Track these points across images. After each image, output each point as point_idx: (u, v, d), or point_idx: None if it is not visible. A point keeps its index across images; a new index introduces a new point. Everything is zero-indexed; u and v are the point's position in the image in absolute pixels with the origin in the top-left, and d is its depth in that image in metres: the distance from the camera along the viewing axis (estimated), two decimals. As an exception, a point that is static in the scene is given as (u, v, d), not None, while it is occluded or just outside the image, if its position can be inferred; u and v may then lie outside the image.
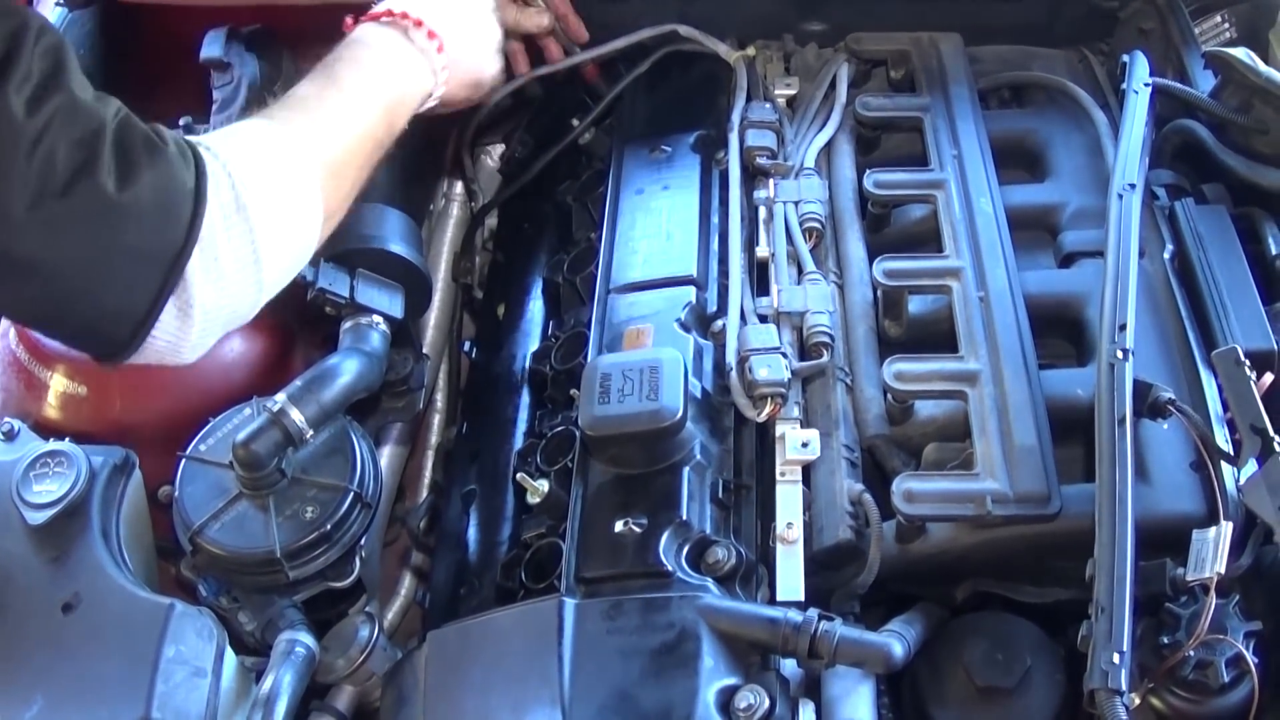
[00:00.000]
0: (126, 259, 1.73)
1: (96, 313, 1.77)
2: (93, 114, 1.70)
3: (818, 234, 2.47)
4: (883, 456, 2.20)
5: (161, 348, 1.82)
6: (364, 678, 2.15)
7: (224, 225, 1.80)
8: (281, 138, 1.96)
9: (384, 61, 2.23)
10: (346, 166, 2.06)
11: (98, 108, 1.72)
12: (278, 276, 1.94)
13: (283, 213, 1.91)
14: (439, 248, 2.96)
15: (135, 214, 1.71)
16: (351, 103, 2.10)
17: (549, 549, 2.13)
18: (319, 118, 2.04)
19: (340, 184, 2.04)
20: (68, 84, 1.68)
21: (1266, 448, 1.87)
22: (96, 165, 1.68)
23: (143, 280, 1.74)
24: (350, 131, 2.07)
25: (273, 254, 1.88)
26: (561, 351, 2.45)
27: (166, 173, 1.74)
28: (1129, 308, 2.10)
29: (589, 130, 2.95)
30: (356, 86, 2.12)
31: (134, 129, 1.74)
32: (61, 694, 1.90)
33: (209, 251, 1.78)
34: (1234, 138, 2.54)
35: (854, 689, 1.89)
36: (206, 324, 1.84)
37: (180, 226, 1.75)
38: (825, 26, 2.94)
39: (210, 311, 1.82)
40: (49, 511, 2.07)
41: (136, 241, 1.73)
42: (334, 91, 2.09)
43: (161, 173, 1.74)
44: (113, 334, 1.79)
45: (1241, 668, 1.79)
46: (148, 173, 1.72)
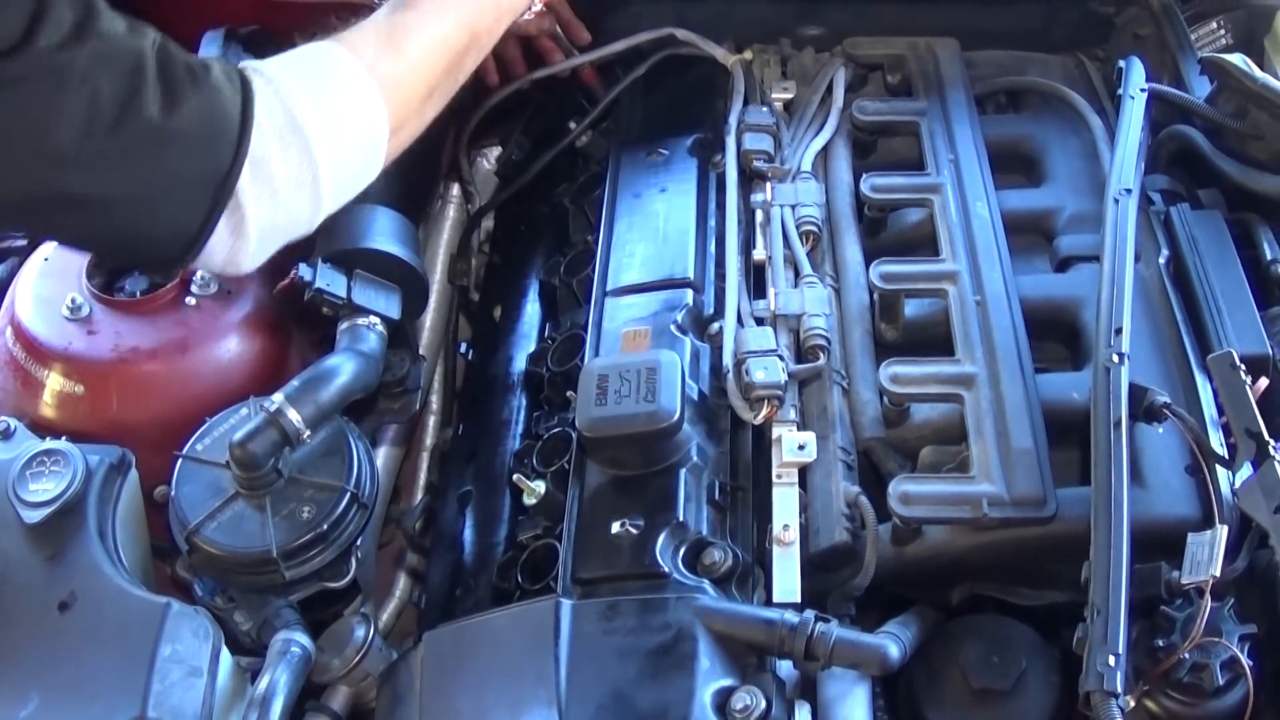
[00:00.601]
0: (176, 184, 1.76)
1: (150, 236, 1.80)
2: (131, 47, 1.72)
3: (814, 237, 2.48)
4: (879, 459, 2.21)
5: (219, 261, 1.85)
6: (359, 678, 2.14)
7: (279, 145, 1.81)
8: (339, 55, 1.96)
9: None
10: (419, 78, 2.05)
11: (135, 40, 1.73)
12: (338, 192, 1.95)
13: (341, 129, 1.91)
14: (436, 249, 2.96)
15: (182, 139, 1.73)
16: (425, 15, 2.09)
17: (545, 550, 2.13)
18: (386, 32, 2.03)
19: (410, 97, 2.03)
20: (99, 24, 1.69)
21: (1261, 452, 1.87)
22: (141, 96, 1.70)
23: (192, 203, 1.76)
24: (422, 44, 2.06)
25: (332, 171, 1.89)
26: (558, 353, 2.45)
27: (211, 96, 1.76)
28: (1125, 312, 2.10)
29: (586, 133, 2.96)
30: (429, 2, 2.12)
31: (174, 56, 1.76)
32: (57, 692, 1.90)
33: (263, 171, 1.80)
34: (1229, 143, 2.55)
35: (850, 691, 1.90)
36: (263, 239, 1.86)
37: (228, 148, 1.76)
38: (822, 31, 2.95)
39: (266, 227, 1.84)
40: (45, 510, 2.06)
41: (185, 166, 1.75)
42: (405, 7, 2.08)
43: (206, 97, 1.76)
44: (167, 253, 1.82)
45: (1236, 670, 1.79)
46: (192, 98, 1.74)
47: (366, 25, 2.05)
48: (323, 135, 1.86)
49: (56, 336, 2.32)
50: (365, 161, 1.99)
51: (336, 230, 2.40)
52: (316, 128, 1.86)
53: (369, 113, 1.97)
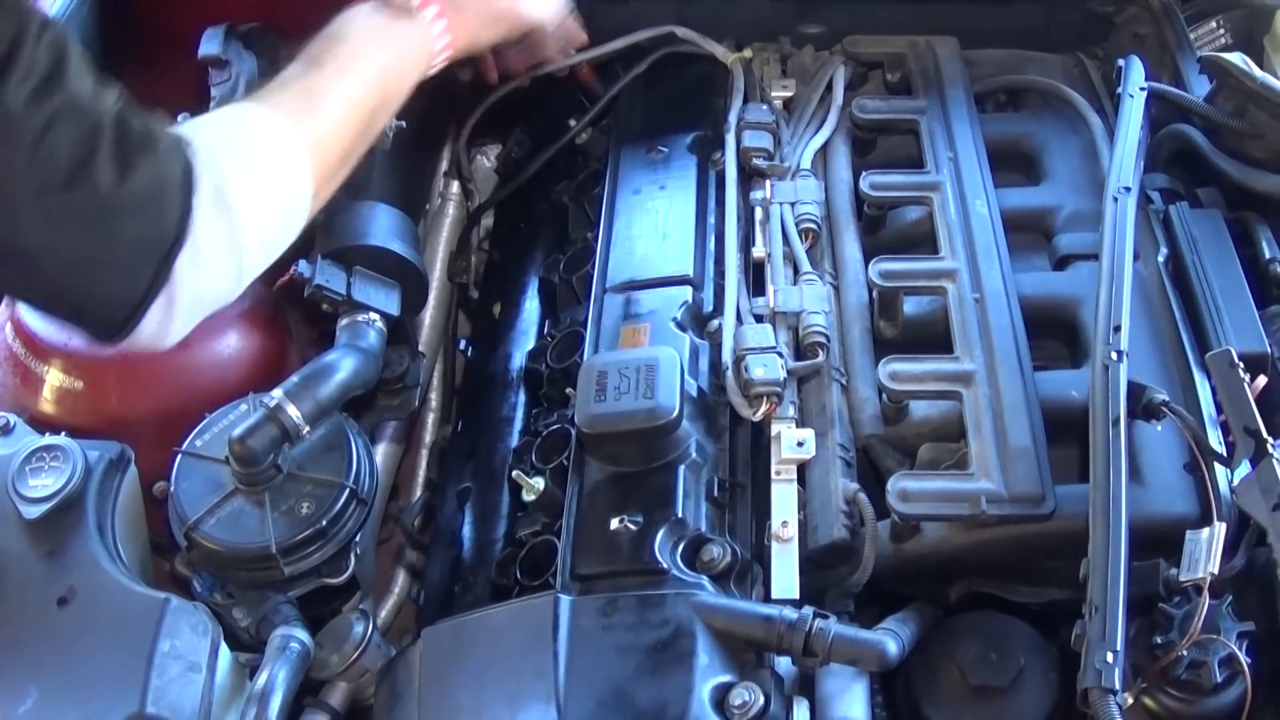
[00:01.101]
0: (123, 250, 1.74)
1: (92, 300, 1.78)
2: (93, 109, 1.70)
3: (814, 235, 2.48)
4: (878, 456, 2.21)
5: (148, 335, 1.82)
6: (358, 674, 2.14)
7: (208, 216, 1.80)
8: (264, 118, 1.95)
9: (368, 32, 2.17)
10: (336, 139, 2.03)
11: (97, 103, 1.72)
12: (260, 260, 1.93)
13: (266, 198, 1.90)
14: (435, 247, 2.96)
15: (132, 207, 1.72)
16: (337, 76, 2.07)
17: (544, 546, 2.13)
18: (302, 94, 2.02)
19: (329, 158, 2.02)
20: (69, 80, 1.68)
21: (1260, 450, 1.88)
22: (96, 160, 1.68)
23: (136, 272, 1.75)
24: (338, 105, 2.04)
25: (255, 240, 1.87)
26: (557, 350, 2.45)
27: (160, 166, 1.75)
28: (1124, 310, 2.10)
29: (586, 130, 2.96)
30: (341, 60, 2.08)
31: (131, 123, 1.74)
32: (56, 688, 1.90)
33: (194, 243, 1.78)
34: (1228, 142, 2.55)
35: (848, 687, 1.89)
36: (190, 311, 1.84)
37: (173, 218, 1.75)
38: (822, 29, 2.95)
39: (194, 299, 1.83)
40: (44, 506, 2.06)
41: (133, 233, 1.73)
42: (317, 69, 2.06)
43: (155, 166, 1.74)
44: (107, 320, 1.79)
45: (1234, 668, 1.80)
46: (143, 167, 1.72)
47: (282, 87, 2.04)
48: (248, 207, 1.84)
49: (56, 332, 2.32)
50: (288, 228, 1.98)
51: (336, 227, 2.40)
52: (243, 200, 1.84)
53: (295, 180, 1.95)
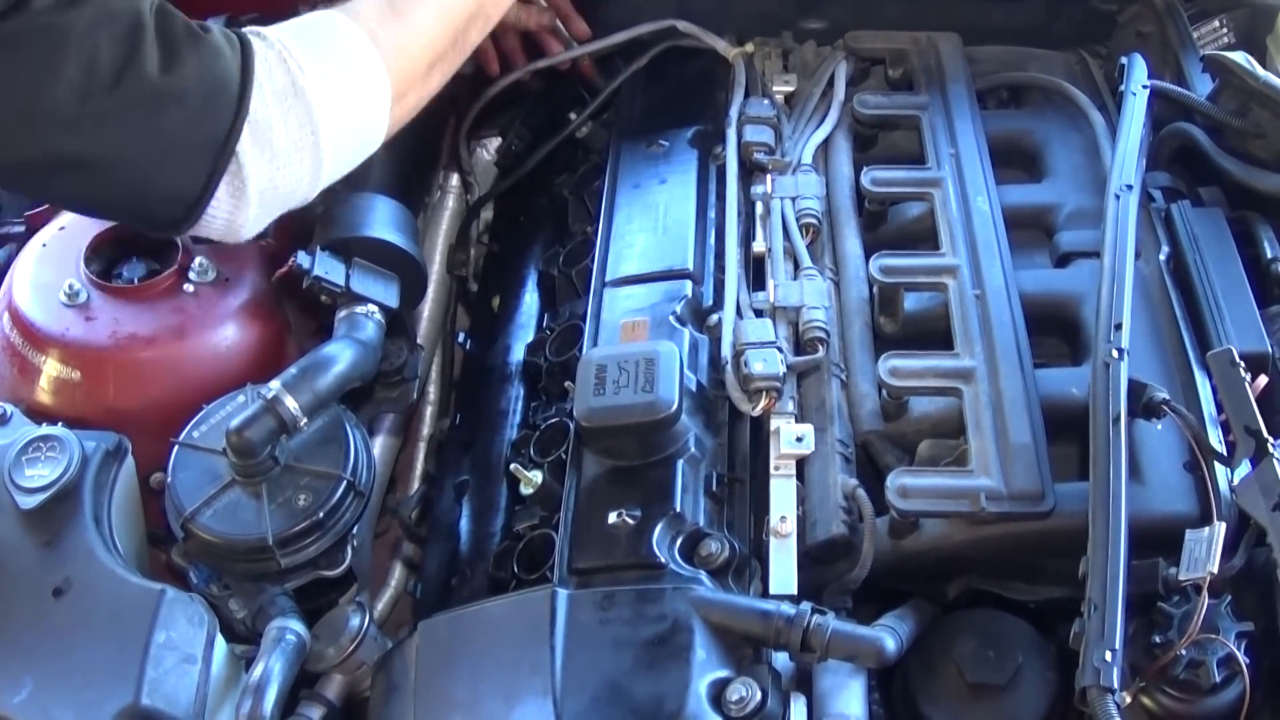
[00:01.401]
0: (176, 144, 1.75)
1: (151, 197, 1.80)
2: (130, 8, 1.72)
3: (814, 230, 2.47)
4: (877, 452, 2.20)
5: (219, 226, 1.84)
6: (354, 667, 2.14)
7: (280, 108, 1.80)
8: (341, 22, 1.95)
9: None
10: (421, 48, 2.03)
11: (134, 1, 1.72)
12: (340, 159, 1.94)
13: (344, 95, 1.91)
14: (434, 239, 2.96)
15: (181, 98, 1.73)
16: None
17: (542, 540, 2.12)
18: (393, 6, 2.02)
19: (414, 66, 2.02)
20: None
21: (1260, 449, 1.87)
22: (140, 55, 1.70)
23: (193, 163, 1.76)
24: (426, 13, 2.05)
25: (333, 137, 1.88)
26: (556, 344, 2.45)
27: (210, 56, 1.76)
28: (1125, 308, 2.10)
29: (586, 124, 2.95)
30: None
31: (173, 16, 1.76)
32: (51, 678, 1.90)
33: (263, 134, 1.79)
34: (1231, 141, 2.54)
35: (845, 683, 1.89)
36: (263, 203, 1.85)
37: (228, 108, 1.76)
38: (824, 24, 2.95)
39: (266, 191, 1.83)
40: (41, 496, 2.06)
41: (185, 126, 1.74)
42: None
43: (205, 56, 1.75)
44: (168, 215, 1.81)
45: (1233, 668, 1.79)
46: (191, 57, 1.73)
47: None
48: (324, 100, 1.86)
49: (54, 322, 2.32)
50: (367, 129, 1.98)
51: (335, 218, 2.40)
52: (318, 92, 1.85)
53: (371, 80, 1.95)
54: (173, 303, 2.37)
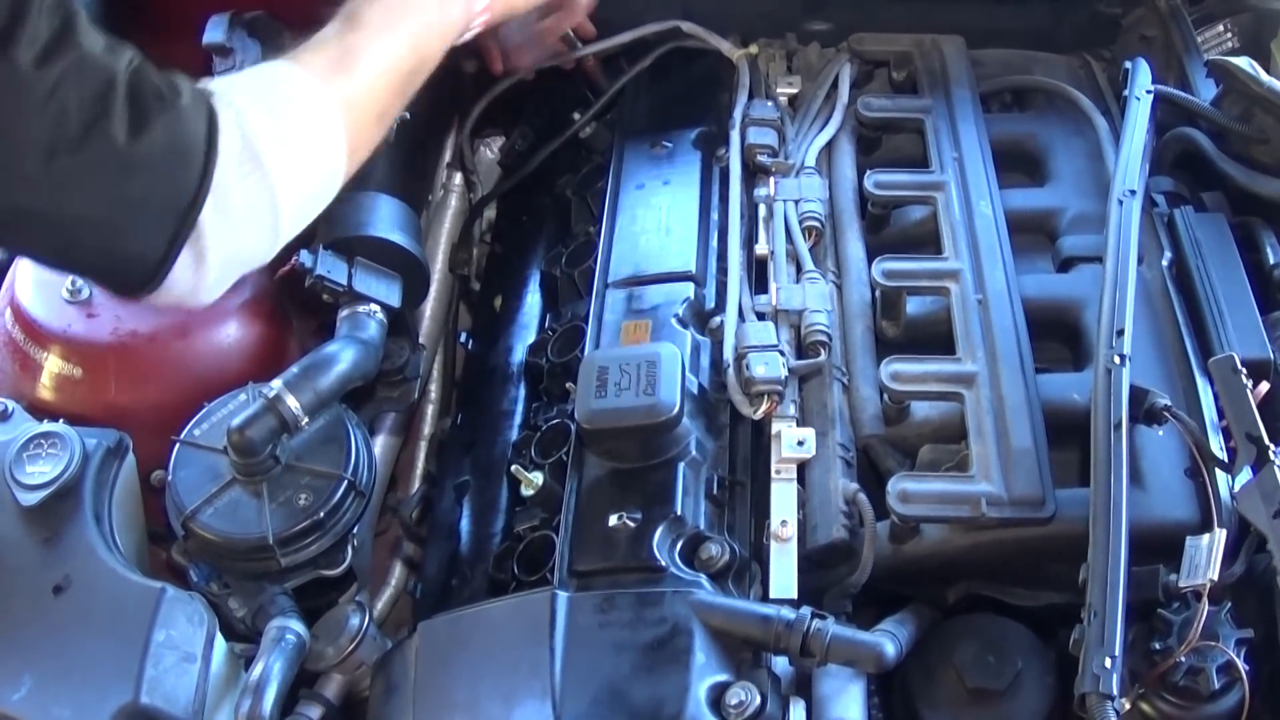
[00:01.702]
0: (140, 209, 1.73)
1: (112, 260, 1.77)
2: (104, 67, 1.69)
3: (817, 233, 2.47)
4: (878, 456, 2.20)
5: (179, 293, 1.82)
6: (353, 666, 2.14)
7: (237, 174, 1.79)
8: (297, 77, 1.93)
9: None
10: (372, 99, 2.01)
11: (109, 60, 1.71)
12: (296, 219, 1.92)
13: (299, 156, 1.89)
14: (437, 238, 2.96)
15: (148, 164, 1.71)
16: (373, 36, 2.05)
17: (542, 541, 2.12)
18: (338, 54, 2.00)
19: (365, 117, 2.00)
20: (77, 39, 1.67)
21: (1261, 456, 1.87)
22: (109, 118, 1.67)
23: (157, 230, 1.74)
24: (374, 65, 2.03)
25: (290, 199, 1.86)
26: (558, 345, 2.45)
27: (178, 122, 1.74)
28: (1127, 313, 2.10)
29: (590, 124, 2.95)
30: (378, 20, 2.06)
31: (146, 79, 1.73)
32: (50, 675, 1.90)
33: (221, 200, 1.77)
34: (1234, 146, 2.54)
35: (845, 688, 1.89)
36: (222, 269, 1.83)
37: (193, 175, 1.74)
38: (828, 26, 2.95)
39: (225, 257, 1.82)
40: (41, 493, 2.06)
41: (150, 191, 1.73)
42: (353, 29, 2.04)
43: (173, 122, 1.73)
44: (128, 279, 1.79)
45: (1232, 675, 1.79)
46: (159, 123, 1.71)
47: (318, 46, 2.01)
48: (281, 164, 1.83)
49: (56, 319, 2.32)
50: (322, 188, 1.97)
51: (338, 217, 2.40)
52: (274, 157, 1.83)
53: (328, 139, 1.93)
54: (175, 300, 2.37)
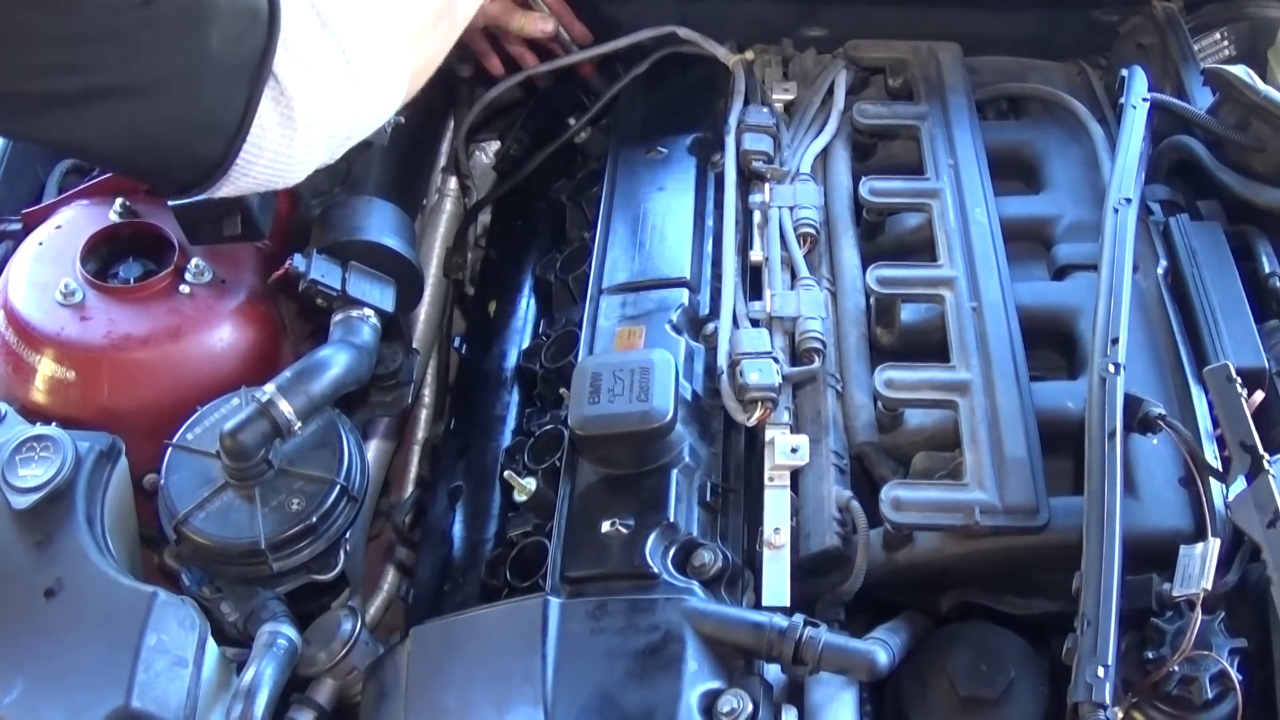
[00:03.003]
0: (212, 62, 1.72)
1: (191, 124, 1.77)
2: None
3: (812, 239, 2.47)
4: (872, 464, 2.20)
5: (266, 163, 1.83)
6: (345, 672, 2.14)
7: (311, 34, 1.81)
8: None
9: None
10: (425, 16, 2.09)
11: None
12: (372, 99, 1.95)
13: (369, 31, 1.92)
14: (431, 243, 2.96)
15: (213, 15, 1.70)
16: None
17: (535, 547, 2.12)
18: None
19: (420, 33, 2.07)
20: None
21: (1255, 465, 1.87)
22: None
23: (232, 85, 1.74)
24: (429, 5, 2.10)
25: (366, 68, 1.89)
26: (552, 350, 2.45)
27: None
28: (1122, 322, 2.10)
29: (585, 129, 2.95)
30: None
31: None
32: (41, 679, 1.89)
33: (300, 57, 1.79)
34: (1230, 155, 2.54)
35: (837, 696, 1.89)
36: (310, 133, 1.84)
37: (260, 24, 1.75)
38: (825, 32, 2.95)
39: (313, 118, 1.83)
40: (33, 496, 2.05)
41: (219, 44, 1.72)
42: None
43: None
44: (206, 152, 1.79)
45: (1226, 684, 1.79)
46: None
47: None
48: (351, 30, 1.87)
49: (49, 321, 2.31)
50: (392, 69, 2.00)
51: (332, 222, 2.40)
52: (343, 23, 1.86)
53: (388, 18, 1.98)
54: (168, 304, 2.37)
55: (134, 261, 2.43)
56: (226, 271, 2.43)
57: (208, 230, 2.34)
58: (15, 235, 2.56)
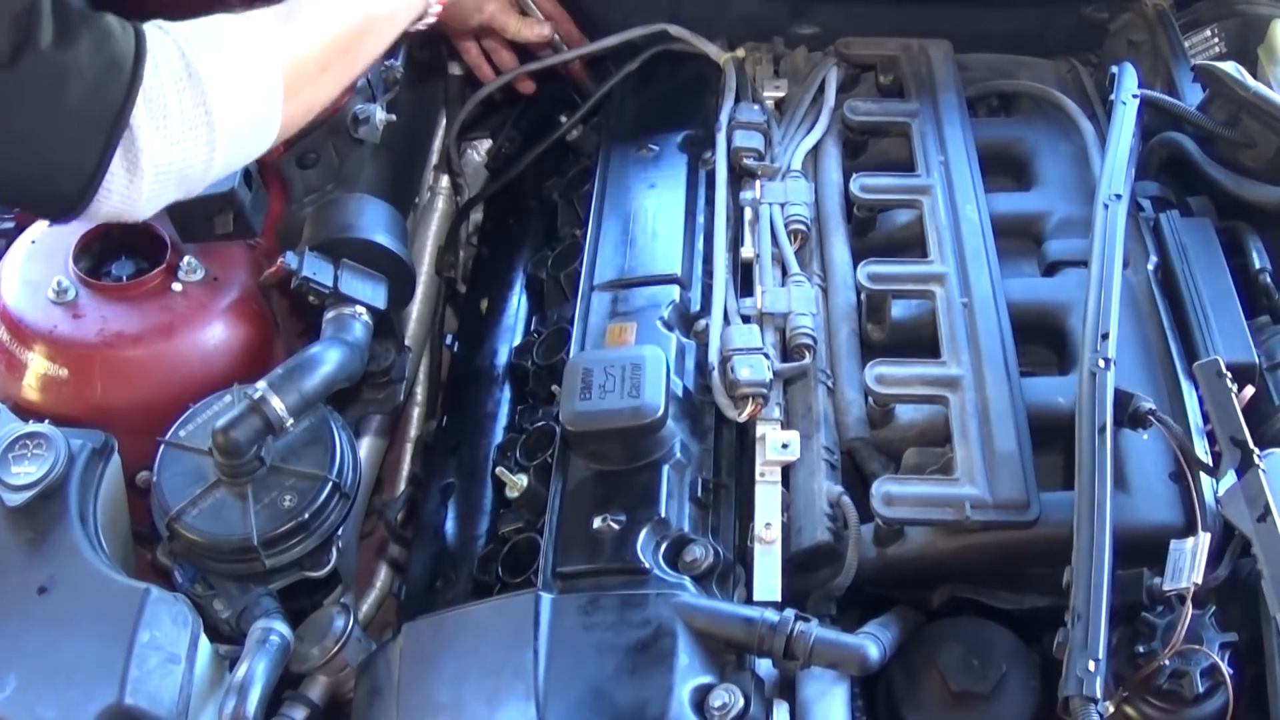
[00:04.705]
0: (71, 118, 1.77)
1: (47, 175, 1.81)
2: None
3: (803, 236, 2.48)
4: (862, 459, 2.20)
5: (115, 202, 1.85)
6: (338, 668, 2.14)
7: (174, 85, 1.84)
8: (239, 23, 1.99)
9: None
10: (312, 53, 2.07)
11: None
12: (234, 145, 1.95)
13: (237, 81, 1.93)
14: (423, 240, 2.97)
15: (77, 73, 1.76)
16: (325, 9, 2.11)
17: (526, 543, 2.13)
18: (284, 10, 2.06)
19: (304, 68, 2.05)
20: None
21: (1246, 460, 1.87)
22: (36, 32, 1.73)
23: (89, 137, 1.78)
24: (317, 21, 2.08)
25: (227, 118, 1.91)
26: (543, 347, 2.45)
27: (104, 34, 1.79)
28: (1112, 317, 2.10)
29: (577, 127, 2.95)
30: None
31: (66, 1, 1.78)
32: (35, 676, 1.89)
33: (157, 109, 1.82)
34: (1220, 151, 2.55)
35: (829, 691, 1.89)
36: (157, 180, 1.86)
37: (121, 81, 1.79)
38: (815, 30, 2.95)
39: (161, 167, 1.85)
40: (26, 493, 2.06)
41: (80, 100, 1.77)
42: None
43: (99, 34, 1.79)
44: (62, 192, 1.82)
45: (1216, 679, 1.80)
46: (85, 34, 1.77)
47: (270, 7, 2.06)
48: (217, 82, 1.88)
49: (41, 319, 2.32)
50: (261, 118, 2.01)
51: (324, 219, 2.40)
52: (211, 75, 1.88)
53: (263, 71, 1.98)
54: (161, 301, 2.37)
55: (126, 259, 2.44)
56: (219, 269, 2.43)
57: (200, 228, 2.35)
58: (8, 233, 2.56)
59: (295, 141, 2.53)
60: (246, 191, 2.39)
